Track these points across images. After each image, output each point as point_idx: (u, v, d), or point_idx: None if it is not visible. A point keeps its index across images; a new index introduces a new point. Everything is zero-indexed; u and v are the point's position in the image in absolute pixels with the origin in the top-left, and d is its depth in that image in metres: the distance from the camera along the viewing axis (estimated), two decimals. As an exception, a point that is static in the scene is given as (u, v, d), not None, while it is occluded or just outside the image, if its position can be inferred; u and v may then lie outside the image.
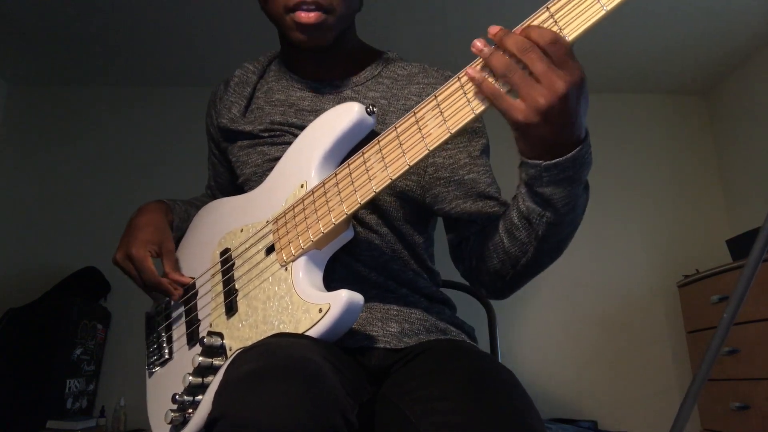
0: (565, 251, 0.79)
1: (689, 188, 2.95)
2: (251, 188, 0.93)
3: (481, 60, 0.65)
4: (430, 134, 0.68)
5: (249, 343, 0.76)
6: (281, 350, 0.63)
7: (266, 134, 0.94)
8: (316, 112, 0.92)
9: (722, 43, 2.66)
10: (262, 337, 0.74)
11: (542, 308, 2.74)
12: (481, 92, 0.64)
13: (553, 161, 0.65)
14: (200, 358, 0.78)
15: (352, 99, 0.94)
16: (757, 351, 1.98)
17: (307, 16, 0.84)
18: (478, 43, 0.64)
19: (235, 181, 1.03)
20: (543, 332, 2.72)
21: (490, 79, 0.64)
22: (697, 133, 3.04)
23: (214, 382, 0.76)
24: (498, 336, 1.34)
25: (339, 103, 0.93)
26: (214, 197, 1.14)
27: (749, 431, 2.00)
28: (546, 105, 0.60)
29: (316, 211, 0.78)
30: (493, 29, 0.63)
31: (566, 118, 0.62)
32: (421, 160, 0.70)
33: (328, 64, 0.97)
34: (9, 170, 2.88)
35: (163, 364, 0.93)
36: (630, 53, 2.72)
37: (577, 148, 0.65)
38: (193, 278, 0.93)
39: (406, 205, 0.91)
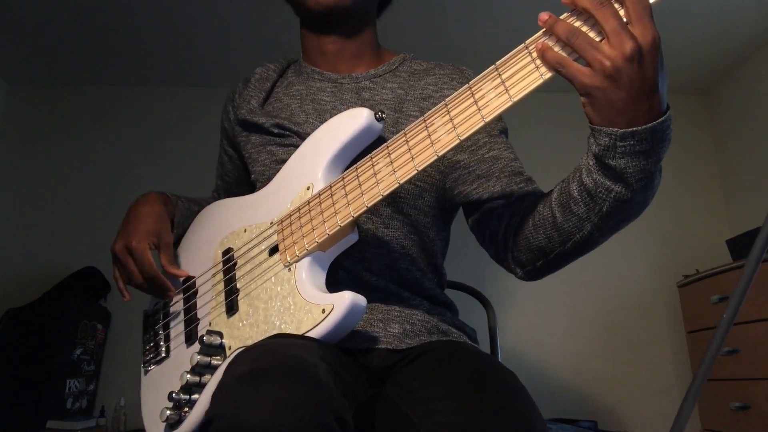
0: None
1: (689, 188, 2.95)
2: (261, 187, 0.93)
3: (539, 35, 0.63)
4: (440, 140, 0.69)
5: (249, 342, 0.77)
6: (279, 351, 0.63)
7: (276, 131, 0.94)
8: (336, 102, 0.94)
9: (722, 43, 2.66)
10: (263, 337, 0.74)
11: (542, 308, 2.74)
12: (546, 62, 0.61)
13: (630, 129, 0.60)
14: (199, 357, 0.77)
15: (370, 90, 0.96)
16: (757, 351, 1.98)
17: None
18: (544, 15, 0.61)
19: (248, 179, 1.03)
20: (543, 332, 2.73)
21: (556, 48, 0.61)
22: (697, 133, 3.04)
23: (212, 381, 0.76)
24: (498, 336, 1.34)
25: (357, 93, 0.94)
26: (218, 196, 1.15)
27: (749, 431, 2.00)
28: (613, 67, 0.57)
29: (321, 213, 0.78)
30: None
31: (638, 82, 0.58)
32: (429, 165, 0.70)
33: (348, 54, 0.98)
34: (9, 170, 2.88)
35: (159, 362, 0.93)
36: (630, 53, 2.72)
37: (659, 120, 0.60)
38: (193, 277, 0.93)
39: (425, 194, 0.90)
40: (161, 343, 0.94)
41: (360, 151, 0.83)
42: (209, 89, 2.91)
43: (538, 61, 0.62)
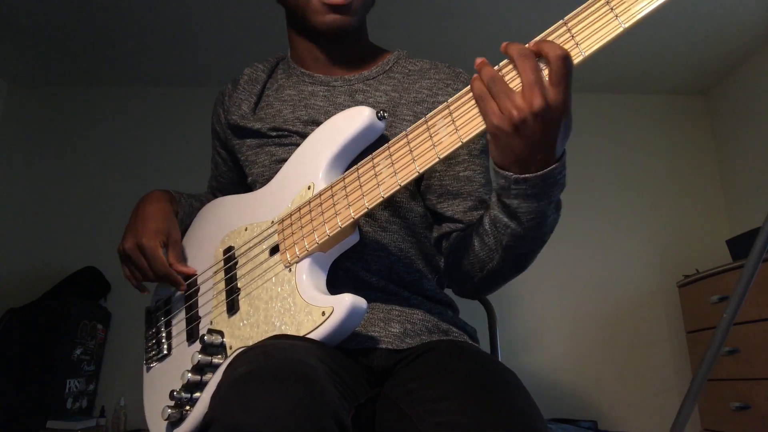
0: (566, 251, 0.79)
1: (689, 188, 2.95)
2: (259, 188, 0.93)
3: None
4: (441, 142, 0.69)
5: (249, 342, 0.77)
6: (277, 353, 0.63)
7: (274, 134, 0.94)
8: (329, 107, 0.93)
9: (722, 43, 2.66)
10: (263, 337, 0.74)
11: (542, 308, 2.74)
12: (472, 90, 0.66)
13: (522, 176, 0.66)
14: (200, 356, 0.77)
15: (363, 92, 0.95)
16: (757, 351, 1.98)
17: None
18: (478, 60, 0.67)
19: (243, 181, 1.03)
20: (543, 332, 2.73)
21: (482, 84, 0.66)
22: (697, 133, 3.04)
23: (213, 380, 0.76)
24: (498, 336, 1.34)
25: (351, 96, 0.93)
26: (215, 197, 1.14)
27: (749, 431, 2.00)
28: (518, 118, 0.61)
29: (322, 213, 0.77)
30: (505, 43, 0.65)
31: (539, 136, 0.63)
32: (430, 168, 0.70)
33: (341, 58, 0.98)
34: (9, 170, 2.88)
35: (161, 359, 0.93)
36: (630, 53, 2.72)
37: (550, 167, 0.66)
38: (194, 274, 0.93)
39: (416, 196, 0.91)
40: (163, 341, 0.94)
41: (361, 151, 0.83)
42: (209, 89, 2.90)
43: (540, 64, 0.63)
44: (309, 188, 0.82)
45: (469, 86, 0.68)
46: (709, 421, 2.30)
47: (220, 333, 0.81)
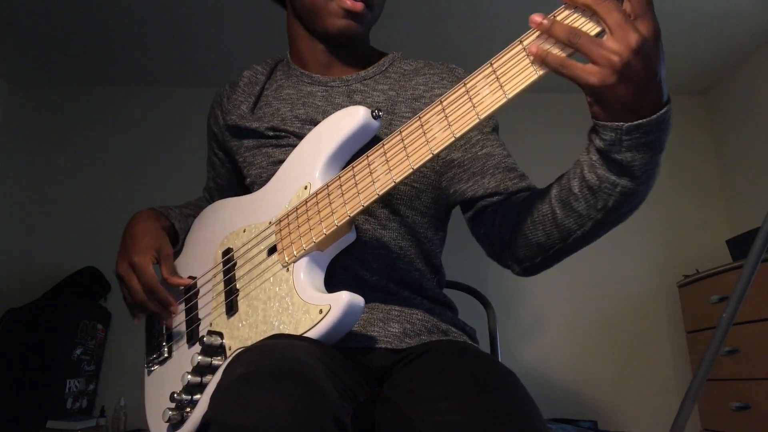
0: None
1: (689, 188, 2.95)
2: (258, 189, 0.93)
3: (533, 33, 0.61)
4: (435, 138, 0.68)
5: (248, 343, 0.77)
6: (276, 352, 0.63)
7: (271, 133, 0.94)
8: (327, 106, 0.94)
9: (722, 42, 2.66)
10: (262, 337, 0.74)
11: (542, 308, 2.74)
12: (547, 64, 0.60)
13: (636, 123, 0.61)
14: (199, 357, 0.78)
15: (361, 92, 0.96)
16: (757, 351, 1.98)
17: (354, 5, 0.90)
18: (537, 17, 0.60)
19: (241, 182, 1.03)
20: (543, 332, 2.73)
21: (554, 50, 0.60)
22: (697, 133, 3.04)
23: (212, 382, 0.76)
24: (498, 336, 1.34)
25: (349, 96, 0.94)
26: (212, 199, 1.14)
27: (749, 431, 2.00)
28: (621, 62, 0.57)
29: (319, 212, 0.77)
30: None
31: (645, 74, 0.58)
32: (424, 164, 0.69)
33: (341, 61, 0.99)
34: (9, 170, 2.88)
35: (162, 362, 0.93)
36: (630, 53, 2.72)
37: (663, 110, 0.61)
38: (194, 278, 0.93)
39: (422, 195, 0.91)
40: (164, 344, 0.94)
41: (357, 150, 0.83)
42: (209, 89, 2.91)
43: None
44: (306, 188, 0.82)
45: (461, 83, 0.67)
46: (709, 421, 2.30)
47: (220, 334, 0.81)
